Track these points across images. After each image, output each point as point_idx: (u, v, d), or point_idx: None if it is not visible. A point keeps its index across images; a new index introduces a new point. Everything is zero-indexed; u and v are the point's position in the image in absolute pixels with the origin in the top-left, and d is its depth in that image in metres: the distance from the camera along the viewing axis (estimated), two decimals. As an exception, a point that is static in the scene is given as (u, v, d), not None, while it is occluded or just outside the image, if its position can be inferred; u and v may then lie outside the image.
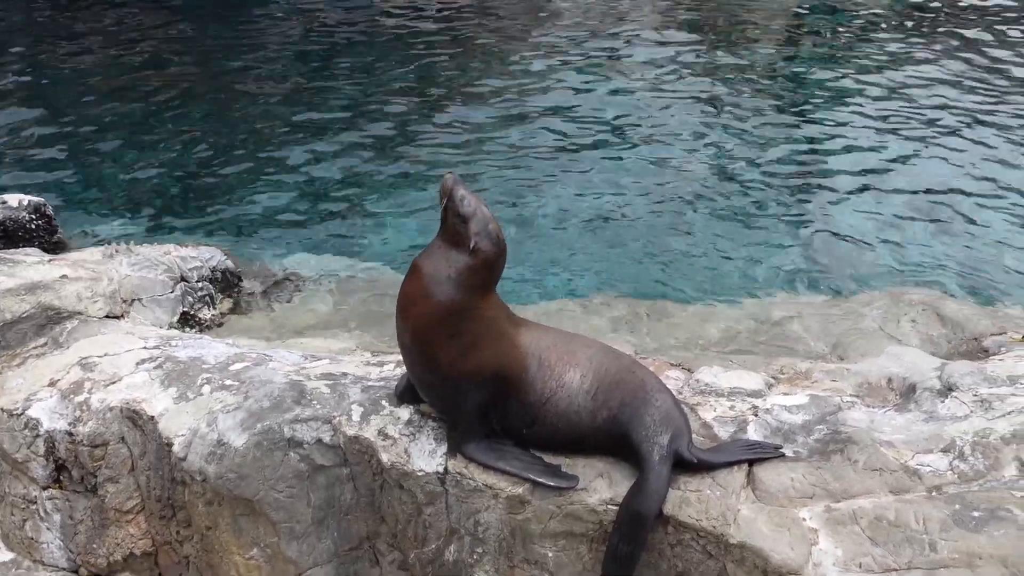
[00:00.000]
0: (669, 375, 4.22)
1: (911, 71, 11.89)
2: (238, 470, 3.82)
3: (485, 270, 3.48)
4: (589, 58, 12.81)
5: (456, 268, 3.43)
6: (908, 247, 7.68)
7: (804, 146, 9.82)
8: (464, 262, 3.43)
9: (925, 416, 3.84)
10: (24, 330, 4.87)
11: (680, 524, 3.28)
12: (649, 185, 8.93)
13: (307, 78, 12.41)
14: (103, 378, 4.42)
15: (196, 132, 10.48)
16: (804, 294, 6.84)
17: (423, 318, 3.46)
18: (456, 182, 3.49)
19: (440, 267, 3.44)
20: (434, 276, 3.44)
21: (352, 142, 10.08)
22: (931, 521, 3.16)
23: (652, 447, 3.36)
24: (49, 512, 4.37)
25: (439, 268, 3.44)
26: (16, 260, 5.41)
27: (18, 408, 4.36)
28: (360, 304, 6.28)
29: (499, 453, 3.53)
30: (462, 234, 3.43)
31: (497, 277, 3.57)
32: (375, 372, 4.26)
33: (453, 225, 3.46)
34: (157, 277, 5.66)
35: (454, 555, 3.62)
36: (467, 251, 3.42)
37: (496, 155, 9.69)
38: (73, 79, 12.51)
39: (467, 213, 3.43)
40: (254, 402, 4.01)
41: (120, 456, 4.21)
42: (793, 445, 3.59)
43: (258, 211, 8.61)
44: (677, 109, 10.86)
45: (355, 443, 3.75)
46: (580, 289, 7.07)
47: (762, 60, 12.81)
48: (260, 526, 3.87)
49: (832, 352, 5.36)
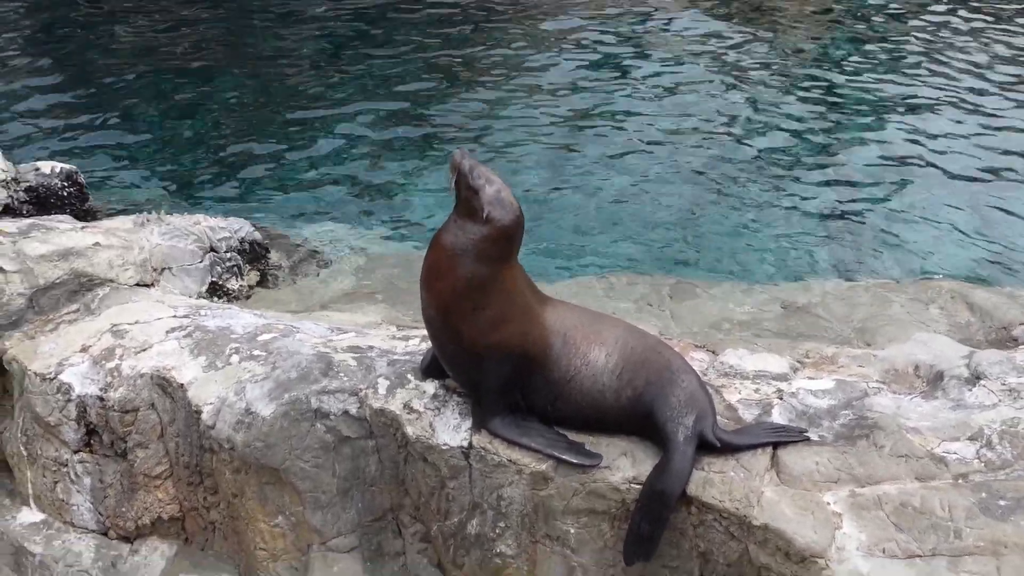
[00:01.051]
0: (694, 356, 4.22)
1: (949, 55, 11.69)
2: (265, 439, 3.87)
3: (503, 240, 3.47)
4: (615, 35, 12.71)
5: (472, 240, 3.43)
6: (938, 233, 7.59)
7: (834, 130, 9.70)
8: (480, 233, 3.43)
9: (952, 404, 3.82)
10: (57, 296, 4.93)
11: (703, 505, 3.29)
12: (673, 165, 8.87)
13: (337, 53, 12.40)
14: (134, 345, 4.48)
15: (227, 105, 10.53)
16: (831, 278, 6.78)
17: (445, 291, 3.47)
18: (464, 155, 3.50)
19: (459, 240, 3.45)
20: (453, 249, 3.45)
21: (381, 117, 10.09)
22: (956, 508, 3.15)
23: (677, 427, 3.36)
24: (80, 475, 4.45)
25: (458, 241, 3.45)
26: (50, 227, 5.47)
27: (51, 372, 4.43)
28: (386, 278, 6.30)
29: (523, 429, 3.55)
30: (475, 206, 3.43)
31: (516, 247, 3.56)
32: (401, 346, 4.29)
33: (466, 198, 3.46)
34: (187, 247, 5.71)
35: (476, 529, 3.65)
36: (481, 222, 3.42)
37: (521, 132, 9.65)
38: (106, 50, 12.59)
39: (477, 185, 3.44)
40: (282, 372, 4.05)
41: (150, 422, 4.28)
42: (818, 429, 3.58)
43: (287, 184, 8.66)
44: (705, 89, 10.76)
45: (381, 416, 3.78)
46: (604, 268, 7.05)
47: (792, 41, 12.64)
48: (286, 495, 3.92)
49: (858, 337, 5.32)
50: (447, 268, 3.46)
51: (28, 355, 4.57)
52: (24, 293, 4.82)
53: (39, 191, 6.08)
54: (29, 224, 5.52)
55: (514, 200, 3.51)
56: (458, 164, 3.48)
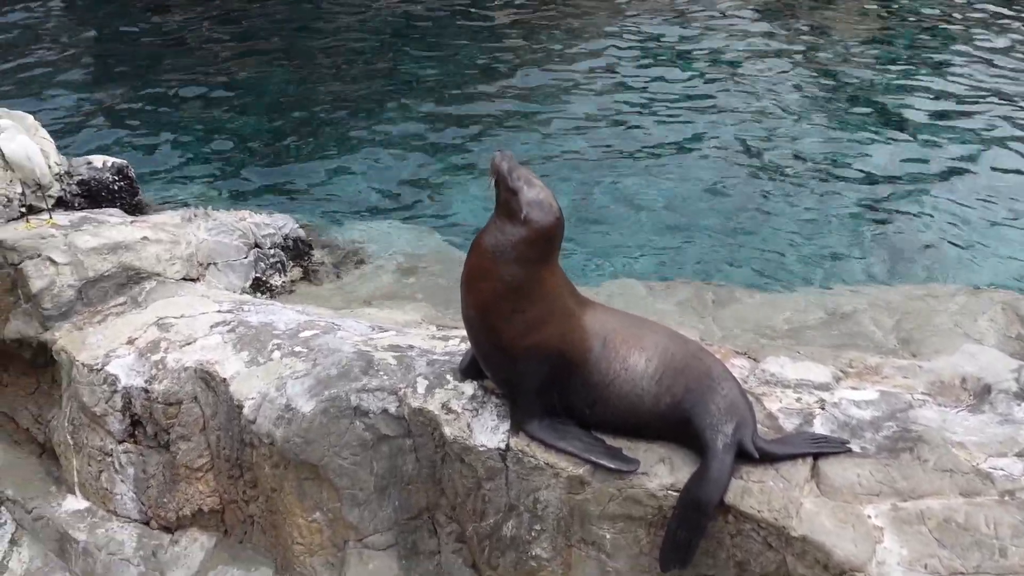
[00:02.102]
0: (735, 363, 4.17)
1: (999, 59, 11.42)
2: (305, 435, 3.91)
3: (542, 241, 3.48)
4: (659, 40, 12.62)
5: (511, 241, 3.44)
6: (989, 243, 7.42)
7: (882, 137, 9.52)
8: (519, 235, 3.44)
9: (1000, 419, 3.74)
10: (106, 288, 5.04)
11: (741, 514, 3.26)
12: (718, 169, 8.79)
13: (383, 54, 12.49)
14: (179, 339, 4.56)
15: (274, 104, 10.66)
16: (876, 286, 6.66)
17: (485, 293, 3.48)
18: (504, 157, 3.51)
19: (499, 242, 3.46)
20: (494, 251, 3.46)
21: (423, 118, 10.14)
22: (1002, 526, 3.08)
23: (716, 435, 3.33)
24: (124, 465, 4.54)
25: (498, 243, 3.46)
26: (100, 220, 5.58)
27: (98, 363, 4.53)
28: (427, 278, 6.33)
29: (561, 433, 3.55)
30: (514, 207, 3.44)
31: (556, 248, 3.56)
32: (440, 346, 4.31)
33: (506, 200, 3.47)
34: (232, 242, 5.79)
35: (512, 531, 3.66)
36: (520, 223, 3.43)
37: (565, 135, 9.64)
38: (156, 48, 12.81)
39: (516, 186, 3.45)
40: (322, 369, 4.09)
41: (192, 415, 4.35)
42: (860, 441, 3.53)
43: (330, 183, 8.74)
44: (751, 94, 10.65)
45: (419, 415, 3.80)
46: (645, 272, 7.01)
47: (842, 46, 12.45)
48: (323, 491, 3.96)
49: (904, 348, 5.22)
50: (488, 269, 3.47)
51: (76, 346, 4.68)
52: (74, 285, 4.93)
53: (91, 185, 6.19)
54: (80, 217, 5.63)
55: (554, 202, 3.51)
56: (498, 165, 3.49)
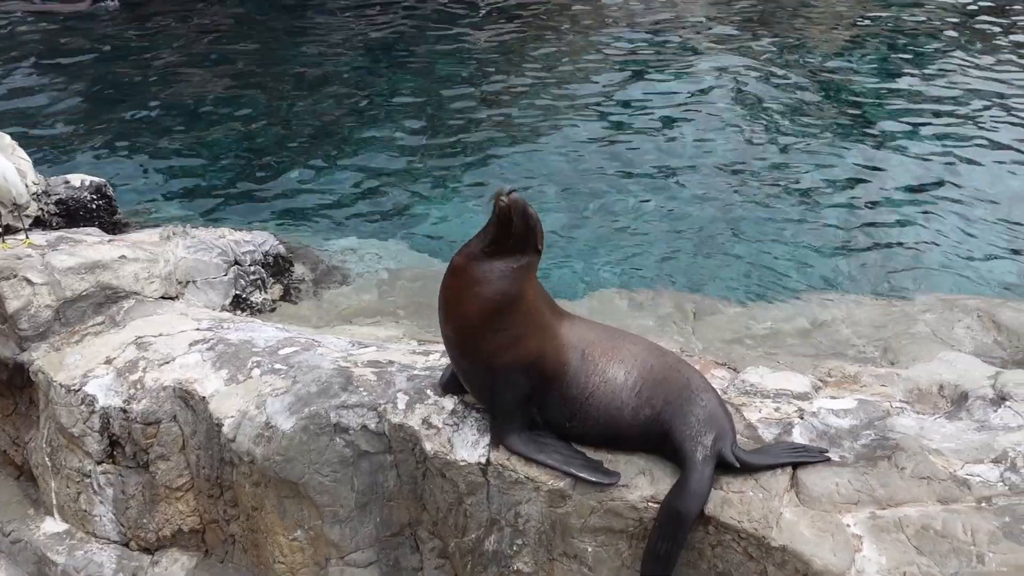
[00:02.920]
0: (714, 374, 4.19)
1: (977, 72, 11.58)
2: (285, 453, 3.89)
3: (534, 266, 3.52)
4: (637, 55, 12.74)
5: (513, 268, 3.45)
6: (965, 252, 7.49)
7: (860, 147, 9.62)
8: (525, 262, 3.47)
9: (977, 425, 3.77)
10: (83, 308, 5.00)
11: (721, 525, 3.27)
12: (696, 182, 8.85)
13: (361, 70, 12.52)
14: (157, 358, 4.53)
15: (253, 120, 10.66)
16: (855, 296, 6.72)
17: (471, 314, 3.47)
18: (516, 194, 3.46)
19: (494, 268, 3.45)
20: (486, 275, 3.45)
21: (403, 134, 10.17)
22: (979, 532, 3.11)
23: (695, 447, 3.35)
24: (102, 486, 4.50)
25: (493, 268, 3.45)
26: (77, 239, 5.56)
27: (75, 384, 4.49)
28: (407, 293, 6.33)
29: (541, 446, 3.55)
30: (529, 240, 3.44)
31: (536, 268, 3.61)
32: (421, 361, 4.31)
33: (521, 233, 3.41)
34: (211, 260, 5.78)
35: (494, 546, 3.65)
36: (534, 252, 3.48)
37: (545, 149, 9.69)
38: (135, 66, 12.78)
39: (534, 222, 3.44)
40: (302, 387, 4.08)
41: (172, 435, 4.32)
42: (839, 450, 3.54)
43: (310, 199, 8.74)
44: (729, 106, 10.74)
45: (400, 431, 3.79)
46: (626, 283, 7.04)
47: (819, 59, 12.58)
48: (304, 509, 3.94)
49: (882, 356, 5.27)
50: (475, 292, 3.46)
51: (54, 366, 4.64)
52: (51, 305, 4.89)
53: (69, 204, 6.18)
54: (57, 237, 5.61)
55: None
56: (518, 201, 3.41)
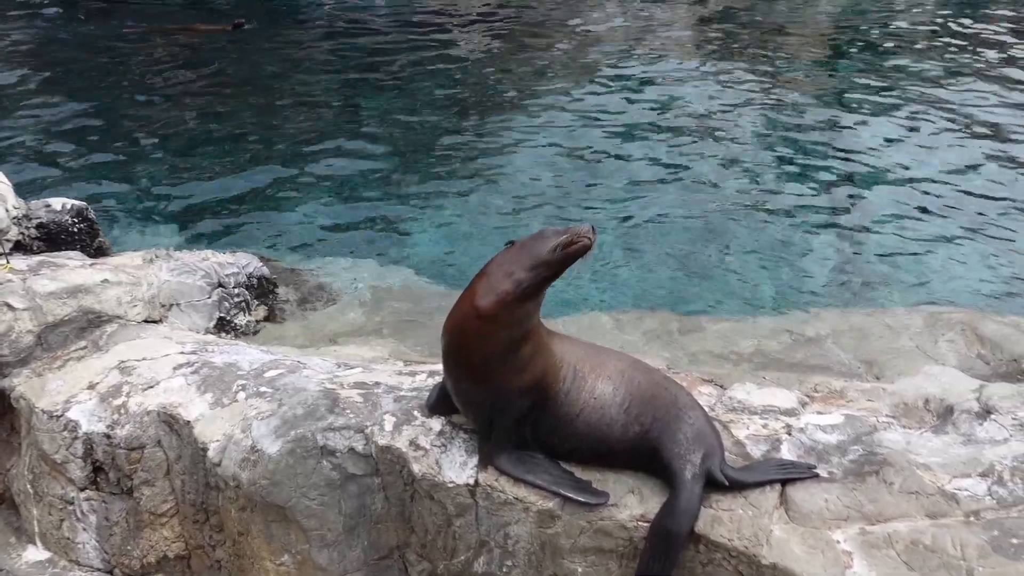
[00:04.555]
0: (701, 391, 4.19)
1: (955, 84, 11.74)
2: (271, 477, 3.85)
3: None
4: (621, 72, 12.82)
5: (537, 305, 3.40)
6: (949, 265, 7.57)
7: (842, 161, 9.72)
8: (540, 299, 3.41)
9: (963, 439, 3.78)
10: (65, 333, 4.95)
11: (711, 543, 3.26)
12: (679, 200, 8.90)
13: (344, 90, 12.55)
14: (141, 382, 4.48)
15: (235, 141, 10.65)
16: (839, 310, 6.75)
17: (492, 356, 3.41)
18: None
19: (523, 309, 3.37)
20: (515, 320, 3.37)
21: (387, 153, 10.19)
22: (968, 547, 3.11)
23: (684, 464, 3.34)
24: (86, 513, 4.44)
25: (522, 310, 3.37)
26: (59, 263, 5.50)
27: (58, 410, 4.44)
28: (393, 313, 6.31)
29: (529, 466, 3.53)
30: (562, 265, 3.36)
31: None
32: (407, 382, 4.28)
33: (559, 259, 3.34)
34: (195, 283, 5.74)
35: (483, 567, 3.62)
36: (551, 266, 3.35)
37: (529, 166, 9.73)
38: (116, 88, 12.75)
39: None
40: (288, 409, 4.05)
41: (156, 460, 4.27)
42: (827, 466, 3.55)
43: (294, 220, 8.72)
44: (711, 122, 10.84)
45: (387, 453, 3.77)
46: (611, 302, 7.05)
47: (798, 74, 12.73)
48: (291, 533, 3.90)
49: (868, 371, 5.29)
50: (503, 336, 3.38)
51: (36, 392, 4.58)
52: (33, 331, 4.84)
53: (50, 228, 6.11)
54: (39, 261, 5.55)
55: None
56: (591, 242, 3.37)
